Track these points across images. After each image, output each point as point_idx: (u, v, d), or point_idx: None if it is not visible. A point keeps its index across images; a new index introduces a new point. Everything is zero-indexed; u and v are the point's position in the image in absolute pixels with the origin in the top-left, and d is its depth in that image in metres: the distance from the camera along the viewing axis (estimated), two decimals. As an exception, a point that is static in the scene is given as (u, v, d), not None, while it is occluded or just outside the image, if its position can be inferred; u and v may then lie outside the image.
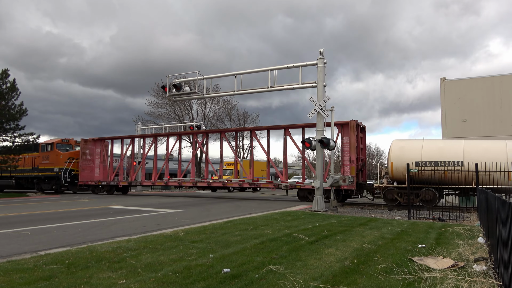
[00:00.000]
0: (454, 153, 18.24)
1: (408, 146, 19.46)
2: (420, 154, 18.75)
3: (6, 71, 28.75)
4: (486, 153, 17.36)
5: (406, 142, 20.08)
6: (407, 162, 17.68)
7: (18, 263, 6.08)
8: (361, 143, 21.97)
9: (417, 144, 19.53)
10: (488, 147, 17.88)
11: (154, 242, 7.85)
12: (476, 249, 7.25)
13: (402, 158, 18.77)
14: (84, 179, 30.23)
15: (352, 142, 20.55)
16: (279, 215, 13.29)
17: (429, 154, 18.61)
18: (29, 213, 14.76)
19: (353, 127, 20.65)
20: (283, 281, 5.12)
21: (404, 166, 17.51)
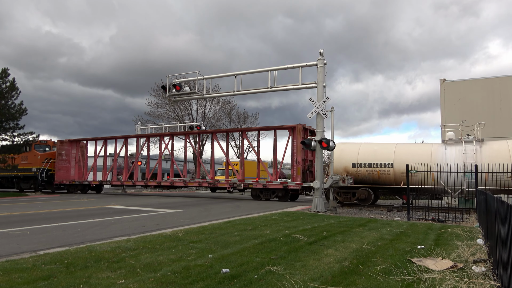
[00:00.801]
0: (386, 155, 19.73)
1: (347, 149, 20.93)
2: (356, 156, 20.29)
3: (6, 70, 28.75)
4: (414, 156, 18.69)
5: (346, 145, 21.41)
6: (345, 163, 20.47)
7: (17, 262, 6.08)
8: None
9: (355, 147, 21.02)
10: (416, 150, 19.36)
11: (153, 242, 7.85)
12: (475, 251, 7.25)
13: (342, 160, 20.33)
14: (60, 178, 31.37)
15: (299, 145, 21.61)
16: (279, 216, 13.29)
17: (364, 156, 20.12)
18: (28, 212, 14.75)
19: (299, 131, 22.11)
20: (282, 281, 5.12)
21: (344, 167, 20.55)
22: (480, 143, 18.47)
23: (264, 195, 23.45)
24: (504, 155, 17.08)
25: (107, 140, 31.44)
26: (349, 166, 20.37)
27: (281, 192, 22.81)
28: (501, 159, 16.79)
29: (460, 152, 18.29)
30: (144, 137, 31.37)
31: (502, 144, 17.87)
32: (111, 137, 31.20)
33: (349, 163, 20.45)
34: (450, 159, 18.04)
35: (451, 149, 18.68)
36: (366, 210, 17.71)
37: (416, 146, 20.54)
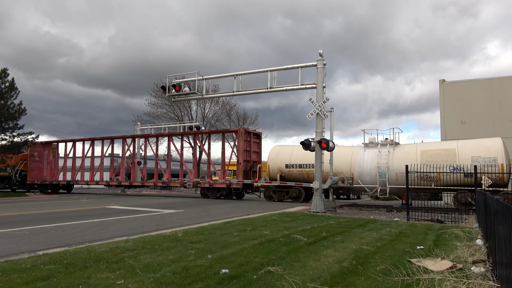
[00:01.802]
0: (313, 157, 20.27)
1: (282, 151, 23.04)
2: (289, 158, 22.31)
3: (5, 70, 28.75)
4: (338, 157, 20.13)
5: (281, 148, 23.60)
6: (280, 164, 22.50)
7: (16, 263, 6.07)
8: (254, 148, 25.54)
9: (289, 149, 23.00)
10: (340, 152, 20.79)
11: (152, 243, 7.84)
12: (474, 251, 7.25)
13: (277, 161, 22.57)
14: (32, 178, 32.97)
15: (241, 147, 23.85)
16: (278, 216, 13.28)
17: (296, 158, 22.04)
18: (27, 213, 14.74)
19: (241, 134, 24.10)
20: (281, 282, 5.12)
21: (278, 168, 22.53)
22: (394, 146, 20.23)
23: (211, 193, 25.05)
24: (412, 157, 19.05)
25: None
26: (283, 167, 22.44)
27: (226, 190, 24.38)
28: (409, 160, 18.53)
29: (375, 154, 20.12)
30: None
31: (412, 147, 19.84)
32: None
33: (283, 164, 22.44)
34: (367, 161, 20.08)
35: (369, 151, 20.50)
36: (365, 211, 17.72)
37: (341, 148, 22.15)
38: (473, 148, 18.32)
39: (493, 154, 17.62)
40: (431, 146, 19.76)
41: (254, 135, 25.86)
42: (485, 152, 17.81)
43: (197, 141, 28.58)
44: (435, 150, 19.12)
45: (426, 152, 19.14)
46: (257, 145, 26.28)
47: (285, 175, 22.35)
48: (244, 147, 24.32)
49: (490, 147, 17.97)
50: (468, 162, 17.54)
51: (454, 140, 19.80)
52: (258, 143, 26.38)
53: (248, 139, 24.86)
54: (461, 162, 17.69)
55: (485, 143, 18.42)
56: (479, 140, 19.19)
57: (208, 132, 29.30)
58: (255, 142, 25.92)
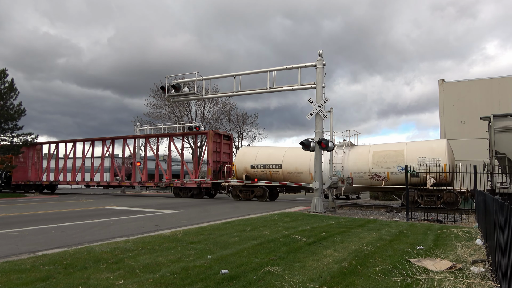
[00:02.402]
0: (277, 158, 22.95)
1: (248, 152, 24.38)
2: (254, 159, 23.44)
3: (4, 71, 28.74)
4: (298, 158, 21.92)
5: (247, 149, 25.29)
6: (246, 165, 23.55)
7: (15, 263, 6.07)
8: (224, 149, 26.88)
9: (255, 150, 24.48)
10: (300, 154, 21.75)
11: (152, 243, 7.84)
12: (474, 251, 7.26)
13: (243, 162, 23.67)
14: (17, 179, 34.40)
15: (210, 148, 25.16)
16: (278, 216, 13.29)
17: (261, 159, 23.29)
18: (27, 213, 14.73)
19: (211, 136, 25.40)
20: (281, 282, 5.12)
21: (244, 168, 23.69)
22: (350, 148, 21.32)
23: (183, 193, 26.34)
24: (365, 157, 20.08)
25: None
26: (248, 167, 23.56)
27: (196, 190, 25.60)
28: (362, 161, 19.97)
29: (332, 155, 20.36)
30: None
31: (365, 149, 20.88)
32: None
33: (249, 164, 23.55)
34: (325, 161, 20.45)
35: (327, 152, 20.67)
36: (365, 211, 17.73)
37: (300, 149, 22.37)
38: (420, 149, 19.14)
39: (437, 155, 18.41)
40: (382, 148, 20.66)
41: (224, 137, 27.23)
42: (430, 153, 18.65)
43: (172, 142, 29.21)
44: (386, 151, 20.06)
45: (377, 153, 20.13)
46: (228, 146, 27.57)
47: (251, 175, 23.51)
48: (214, 148, 25.75)
49: (435, 149, 18.79)
50: (415, 162, 18.33)
51: (404, 142, 20.51)
52: (229, 144, 27.73)
53: (218, 140, 26.25)
54: (408, 162, 18.32)
55: (431, 145, 19.32)
56: (426, 142, 20.34)
57: (182, 134, 30.25)
58: (226, 144, 27.30)
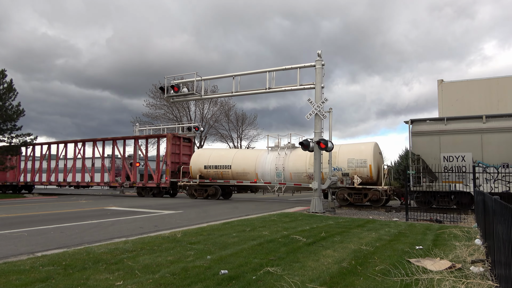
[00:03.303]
0: (227, 159, 24.67)
1: (203, 153, 26.20)
2: (208, 160, 25.17)
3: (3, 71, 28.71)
4: (245, 159, 23.94)
5: (202, 150, 27.32)
6: (200, 166, 25.30)
7: (14, 264, 6.06)
8: (185, 151, 28.78)
9: (208, 152, 26.31)
10: (247, 155, 24.57)
11: (151, 244, 7.83)
12: (473, 251, 7.26)
13: (198, 163, 25.43)
14: None
15: (168, 150, 26.91)
16: (277, 217, 13.29)
17: (213, 160, 25.04)
18: (26, 214, 14.70)
19: (169, 139, 27.25)
20: (281, 282, 5.12)
21: (198, 168, 25.36)
22: (291, 149, 22.88)
23: (144, 192, 28.23)
24: (303, 159, 21.60)
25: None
26: (202, 167, 25.22)
27: (156, 189, 27.51)
28: (301, 162, 21.75)
29: (275, 157, 22.99)
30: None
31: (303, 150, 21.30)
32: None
33: (202, 165, 25.23)
34: (268, 162, 23.09)
35: (271, 154, 23.47)
36: (364, 211, 17.73)
37: (249, 151, 25.98)
38: (350, 151, 20.59)
39: (364, 156, 19.94)
40: None
41: (185, 139, 29.13)
42: (359, 155, 20.13)
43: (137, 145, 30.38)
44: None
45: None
46: (189, 148, 29.45)
47: (204, 175, 25.25)
48: (172, 150, 27.40)
49: (363, 151, 20.26)
50: (345, 163, 20.15)
51: (338, 144, 21.76)
52: (190, 146, 29.66)
53: (178, 143, 28.17)
54: (339, 163, 20.18)
55: (360, 147, 20.72)
56: (356, 144, 21.70)
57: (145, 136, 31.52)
58: (186, 146, 29.27)
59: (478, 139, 16.77)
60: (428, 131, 18.24)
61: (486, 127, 17.05)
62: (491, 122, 17.24)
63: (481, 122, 17.42)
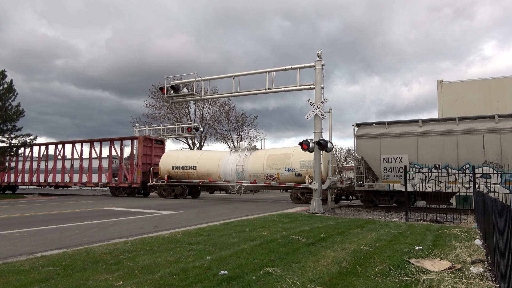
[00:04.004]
0: (193, 160, 26.28)
1: (171, 156, 27.61)
2: (175, 161, 26.76)
3: (3, 72, 28.69)
4: (210, 161, 25.61)
5: (171, 152, 28.59)
6: (168, 166, 26.84)
7: (14, 265, 6.05)
8: (157, 152, 30.01)
9: (176, 153, 27.95)
10: (211, 156, 26.15)
11: (151, 244, 7.83)
12: (473, 251, 7.26)
13: (166, 164, 27.07)
14: None
15: (140, 151, 28.35)
16: (277, 217, 13.28)
17: (180, 161, 26.58)
18: (26, 214, 14.70)
19: (141, 141, 28.68)
20: (280, 283, 5.11)
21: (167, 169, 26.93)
22: (251, 151, 24.65)
23: (118, 192, 29.47)
24: (261, 160, 23.51)
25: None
26: (170, 168, 26.70)
27: (128, 189, 28.84)
28: (259, 163, 23.44)
29: (236, 158, 24.47)
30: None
31: (263, 152, 24.29)
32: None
33: (170, 166, 26.74)
34: (230, 163, 24.58)
35: (233, 155, 25.09)
36: (364, 211, 17.73)
37: (213, 153, 27.31)
38: (303, 153, 21.19)
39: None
40: (275, 151, 24.03)
41: (157, 141, 30.67)
42: (310, 156, 20.54)
43: (112, 147, 31.26)
44: (277, 154, 23.29)
45: (271, 156, 23.32)
46: (161, 150, 30.66)
47: (172, 175, 26.81)
48: (144, 151, 28.84)
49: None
50: (298, 165, 21.83)
51: (293, 146, 23.31)
52: (162, 148, 30.98)
53: (149, 145, 29.63)
54: (293, 164, 21.99)
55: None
56: None
57: (120, 138, 31.98)
58: (158, 148, 30.60)
59: (414, 142, 17.79)
60: (370, 134, 19.35)
61: (422, 131, 18.08)
62: (426, 126, 18.26)
63: (417, 126, 18.46)
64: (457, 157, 16.81)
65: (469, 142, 17.01)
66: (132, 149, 29.87)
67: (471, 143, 17.06)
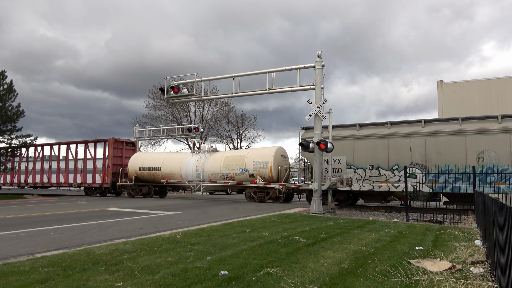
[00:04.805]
0: (158, 162, 27.79)
1: (139, 157, 29.15)
2: (142, 162, 28.35)
3: (3, 72, 28.69)
4: (173, 162, 27.17)
5: (139, 154, 30.19)
6: (136, 167, 28.39)
7: (14, 265, 6.05)
8: (128, 154, 31.11)
9: (143, 155, 29.65)
10: (175, 158, 27.88)
11: (151, 245, 7.83)
12: (473, 252, 7.26)
13: (134, 165, 28.63)
14: None
15: (110, 153, 29.82)
16: (277, 218, 13.28)
17: (147, 162, 28.20)
18: (26, 215, 14.69)
19: (111, 143, 30.10)
20: (281, 283, 5.11)
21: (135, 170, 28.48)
22: (211, 153, 26.26)
23: (90, 192, 31.27)
24: (219, 161, 24.85)
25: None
26: (138, 169, 28.24)
27: (99, 189, 30.61)
28: (217, 164, 24.87)
29: (196, 159, 26.06)
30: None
31: (221, 154, 25.82)
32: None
33: (138, 167, 28.25)
34: (191, 164, 26.16)
35: (194, 157, 26.67)
36: (364, 212, 17.73)
37: (176, 155, 29.44)
38: (256, 155, 23.61)
39: (266, 159, 22.96)
40: (232, 153, 25.96)
41: (128, 143, 32.07)
42: (262, 158, 23.14)
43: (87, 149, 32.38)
44: (233, 156, 24.89)
45: (228, 158, 24.77)
46: (132, 151, 31.79)
47: (139, 176, 28.26)
48: (115, 153, 30.28)
49: (266, 154, 23.29)
50: (251, 165, 23.29)
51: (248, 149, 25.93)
52: (133, 150, 32.22)
53: (120, 147, 30.97)
54: (247, 165, 23.46)
55: (264, 151, 23.80)
56: (262, 149, 25.07)
57: (94, 141, 32.83)
58: (129, 149, 31.87)
59: (351, 145, 18.87)
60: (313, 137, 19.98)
61: (358, 134, 19.42)
62: (363, 130, 19.60)
63: (355, 129, 19.82)
64: (388, 159, 17.84)
65: (398, 145, 18.27)
66: (105, 151, 30.99)
67: (400, 146, 18.37)
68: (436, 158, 17.78)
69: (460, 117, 18.05)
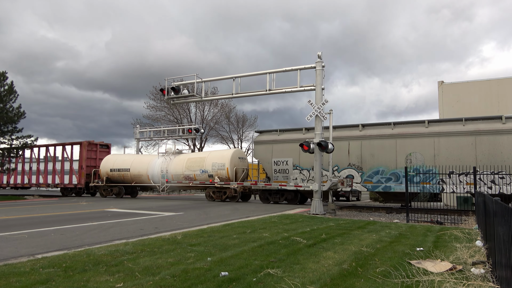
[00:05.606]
0: (127, 163, 28.96)
1: (110, 159, 30.30)
2: (113, 164, 29.55)
3: (4, 73, 28.71)
4: (141, 164, 28.44)
5: (110, 156, 31.21)
6: (107, 168, 29.40)
7: (15, 266, 6.05)
8: (102, 156, 32.25)
9: (114, 157, 30.67)
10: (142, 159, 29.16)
11: (151, 246, 7.83)
12: (474, 252, 7.25)
13: (105, 166, 29.63)
14: None
15: (83, 155, 31.15)
16: (277, 218, 13.27)
17: (117, 163, 29.38)
18: (27, 216, 14.70)
19: (85, 146, 31.47)
20: (281, 284, 5.11)
21: (106, 171, 29.58)
22: (175, 155, 27.42)
23: (66, 192, 32.52)
24: (182, 163, 26.17)
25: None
26: (109, 170, 29.32)
27: (74, 190, 32.04)
28: (180, 166, 26.11)
29: (162, 161, 27.27)
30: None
31: (184, 156, 27.27)
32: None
33: (109, 168, 29.37)
34: (157, 166, 27.32)
35: (160, 159, 27.86)
36: (365, 213, 17.73)
37: (144, 157, 30.58)
38: (215, 157, 24.85)
39: (224, 161, 24.14)
40: (194, 155, 27.78)
41: (102, 145, 33.29)
42: (220, 160, 24.38)
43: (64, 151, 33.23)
44: (195, 158, 26.32)
45: (190, 160, 26.15)
46: (106, 153, 32.99)
47: (110, 177, 29.30)
48: (88, 155, 31.63)
49: (224, 156, 24.50)
50: (210, 167, 24.63)
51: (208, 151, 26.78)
52: (107, 152, 33.48)
53: (94, 149, 32.31)
54: (206, 166, 24.83)
55: (222, 153, 25.18)
56: (221, 151, 26.79)
57: (70, 143, 33.59)
58: (103, 151, 33.07)
59: (298, 147, 18.83)
60: (265, 140, 22.46)
61: (304, 137, 20.48)
62: (308, 133, 20.92)
63: (301, 133, 21.26)
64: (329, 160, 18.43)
65: (338, 147, 19.10)
66: (80, 153, 31.97)
67: (340, 148, 19.48)
68: (370, 159, 19.35)
69: (392, 122, 19.75)
